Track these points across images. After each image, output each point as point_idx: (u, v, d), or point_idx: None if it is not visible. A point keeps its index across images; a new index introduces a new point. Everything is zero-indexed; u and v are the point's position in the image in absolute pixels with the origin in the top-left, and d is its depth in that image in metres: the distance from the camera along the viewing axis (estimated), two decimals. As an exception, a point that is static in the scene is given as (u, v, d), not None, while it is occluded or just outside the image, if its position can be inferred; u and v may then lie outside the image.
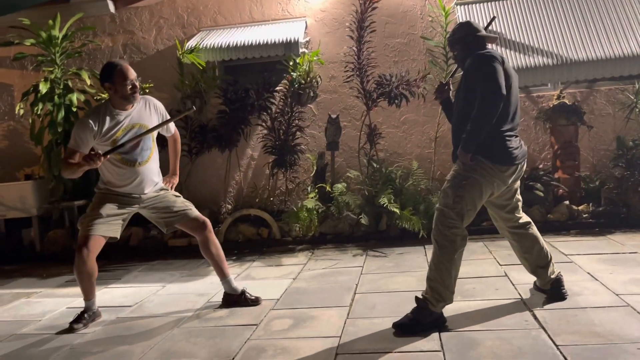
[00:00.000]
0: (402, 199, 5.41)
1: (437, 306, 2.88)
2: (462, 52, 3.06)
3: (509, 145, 2.90)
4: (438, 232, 2.90)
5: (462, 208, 2.87)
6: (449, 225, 2.87)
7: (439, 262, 2.88)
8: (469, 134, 2.83)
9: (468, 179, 2.89)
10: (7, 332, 3.46)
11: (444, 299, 2.89)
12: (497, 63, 2.81)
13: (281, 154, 5.94)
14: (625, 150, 5.58)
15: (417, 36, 6.18)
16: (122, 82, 3.25)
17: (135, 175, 3.38)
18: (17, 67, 6.90)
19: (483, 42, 3.04)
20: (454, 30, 3.14)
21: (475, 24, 3.10)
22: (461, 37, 3.06)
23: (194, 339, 3.06)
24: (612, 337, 2.60)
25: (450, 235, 2.87)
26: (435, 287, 2.87)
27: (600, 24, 5.55)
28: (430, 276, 2.90)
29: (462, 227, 2.90)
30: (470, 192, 2.88)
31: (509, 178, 2.96)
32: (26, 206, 6.07)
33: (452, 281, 2.89)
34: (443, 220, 2.89)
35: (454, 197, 2.88)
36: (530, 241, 3.17)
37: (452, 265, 2.87)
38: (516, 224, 3.18)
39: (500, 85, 2.75)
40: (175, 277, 4.63)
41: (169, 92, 6.29)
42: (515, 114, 2.97)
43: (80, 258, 3.24)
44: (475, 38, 3.03)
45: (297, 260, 4.96)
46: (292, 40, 5.81)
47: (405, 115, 6.25)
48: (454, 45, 3.12)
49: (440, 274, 2.87)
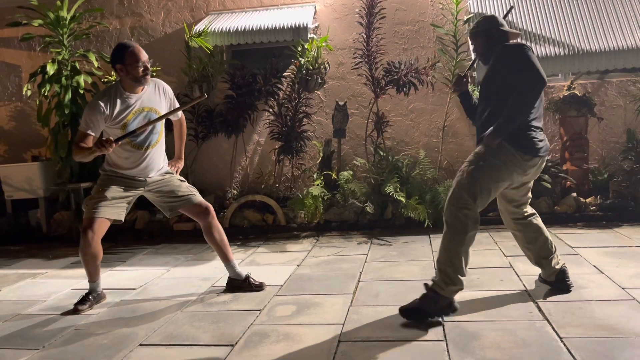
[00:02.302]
0: (408, 187, 5.38)
1: (446, 290, 2.79)
2: (484, 44, 3.05)
3: (535, 136, 2.89)
4: (449, 213, 2.83)
5: (476, 190, 2.81)
6: (460, 205, 2.80)
7: (448, 243, 2.81)
8: (505, 119, 2.79)
9: (487, 161, 2.84)
10: (12, 312, 3.49)
11: (453, 282, 2.79)
12: (531, 52, 2.81)
13: (288, 141, 5.92)
14: (635, 143, 5.53)
15: (427, 24, 6.11)
16: (134, 64, 3.22)
17: (142, 159, 3.38)
18: (24, 48, 6.90)
19: (507, 37, 3.04)
20: (478, 22, 3.12)
21: (500, 18, 3.09)
22: (486, 30, 3.05)
23: (197, 323, 3.07)
24: (617, 330, 2.59)
25: (461, 216, 2.79)
26: (444, 270, 2.79)
27: (614, 14, 5.47)
28: (440, 258, 2.83)
29: (475, 209, 2.82)
30: (487, 175, 2.83)
31: (530, 169, 2.92)
32: (33, 187, 6.10)
33: (462, 264, 2.80)
34: (455, 201, 2.83)
35: (469, 178, 2.83)
36: (533, 232, 3.15)
37: (461, 248, 2.78)
38: (522, 216, 3.18)
39: (542, 73, 2.74)
40: (180, 261, 4.65)
41: (177, 75, 6.27)
42: (540, 108, 2.95)
43: (85, 240, 3.24)
44: (499, 32, 3.03)
45: (301, 247, 4.96)
46: (301, 26, 5.75)
47: (413, 104, 6.21)
48: (477, 38, 3.10)
49: (449, 256, 2.79)
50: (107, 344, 2.85)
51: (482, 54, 3.10)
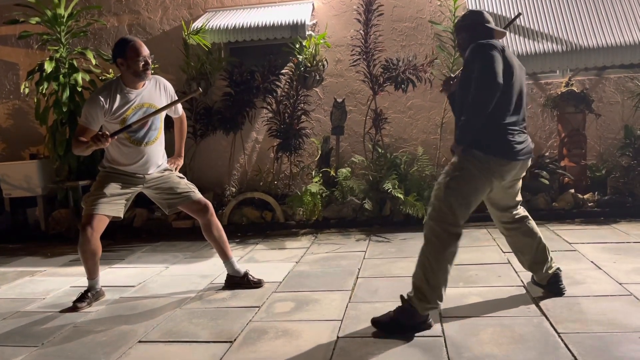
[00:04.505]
0: (407, 184, 5.39)
1: (419, 307, 2.64)
2: (467, 40, 2.87)
3: (512, 139, 2.71)
4: (428, 228, 2.70)
5: (454, 202, 2.66)
6: (438, 219, 2.67)
7: (424, 258, 2.66)
8: (462, 125, 2.66)
9: (462, 171, 2.70)
10: (11, 310, 3.49)
11: (427, 301, 2.63)
12: (495, 51, 2.63)
13: (286, 138, 5.92)
14: (632, 139, 5.54)
15: (425, 20, 6.11)
16: (135, 58, 3.22)
17: (141, 155, 3.38)
18: (22, 46, 6.88)
19: (491, 34, 2.84)
20: (464, 16, 2.99)
21: (487, 15, 2.92)
22: (470, 24, 2.90)
23: (196, 320, 3.07)
24: (614, 325, 2.60)
25: (438, 230, 2.65)
26: (419, 286, 2.65)
27: (611, 10, 5.47)
28: (415, 273, 2.68)
29: (456, 222, 2.67)
30: (464, 185, 2.69)
31: (507, 174, 2.76)
32: (31, 185, 6.10)
33: (438, 282, 2.63)
34: (434, 215, 2.70)
35: (446, 190, 2.68)
36: (525, 236, 3.00)
37: (439, 265, 2.62)
38: (512, 219, 3.02)
39: (496, 73, 2.57)
40: (178, 259, 4.65)
41: (175, 73, 6.25)
42: (519, 107, 2.78)
43: (84, 237, 3.25)
44: (484, 28, 2.85)
45: (300, 244, 4.97)
46: (299, 23, 5.75)
47: (411, 101, 6.21)
48: (460, 32, 2.95)
49: (425, 272, 2.64)
50: (106, 341, 2.85)
51: (464, 50, 2.89)
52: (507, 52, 2.73)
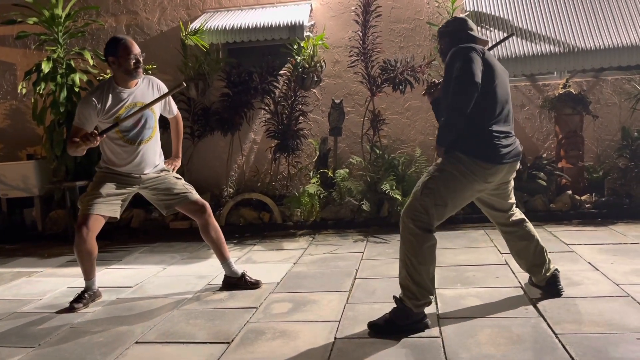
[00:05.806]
0: (405, 185, 5.39)
1: (411, 306, 2.67)
2: (448, 45, 2.86)
3: (497, 142, 2.69)
4: (403, 225, 2.72)
5: (429, 201, 2.67)
6: (412, 217, 2.68)
7: (404, 257, 2.69)
8: (442, 126, 2.69)
9: (443, 172, 2.71)
10: (7, 311, 3.48)
11: (417, 298, 2.66)
12: (474, 53, 2.63)
13: (284, 139, 5.92)
14: (630, 140, 5.55)
15: (423, 22, 6.12)
16: (126, 57, 3.24)
17: (135, 154, 3.37)
18: (19, 46, 6.87)
19: (474, 41, 2.81)
20: (448, 22, 3.02)
21: (471, 22, 2.94)
22: (453, 31, 2.91)
23: (193, 321, 3.07)
24: (612, 326, 2.60)
25: (413, 227, 2.66)
26: (406, 285, 2.68)
27: (609, 12, 5.49)
28: (399, 273, 2.73)
29: (428, 220, 2.67)
30: (442, 185, 2.69)
31: (492, 177, 2.74)
32: (28, 186, 6.08)
33: (422, 278, 2.66)
34: (408, 212, 2.71)
35: (423, 189, 2.70)
36: (522, 239, 3.01)
37: (419, 261, 2.65)
38: (508, 221, 3.03)
39: (474, 74, 2.56)
40: (176, 260, 4.64)
41: (172, 74, 6.25)
42: (504, 112, 2.76)
43: (80, 237, 3.24)
44: (467, 35, 2.84)
45: (297, 244, 4.97)
46: (297, 24, 5.75)
47: (409, 102, 6.21)
48: (443, 37, 2.96)
49: (407, 270, 2.67)
50: (102, 341, 2.84)
51: (445, 55, 2.87)
52: (488, 55, 2.74)
